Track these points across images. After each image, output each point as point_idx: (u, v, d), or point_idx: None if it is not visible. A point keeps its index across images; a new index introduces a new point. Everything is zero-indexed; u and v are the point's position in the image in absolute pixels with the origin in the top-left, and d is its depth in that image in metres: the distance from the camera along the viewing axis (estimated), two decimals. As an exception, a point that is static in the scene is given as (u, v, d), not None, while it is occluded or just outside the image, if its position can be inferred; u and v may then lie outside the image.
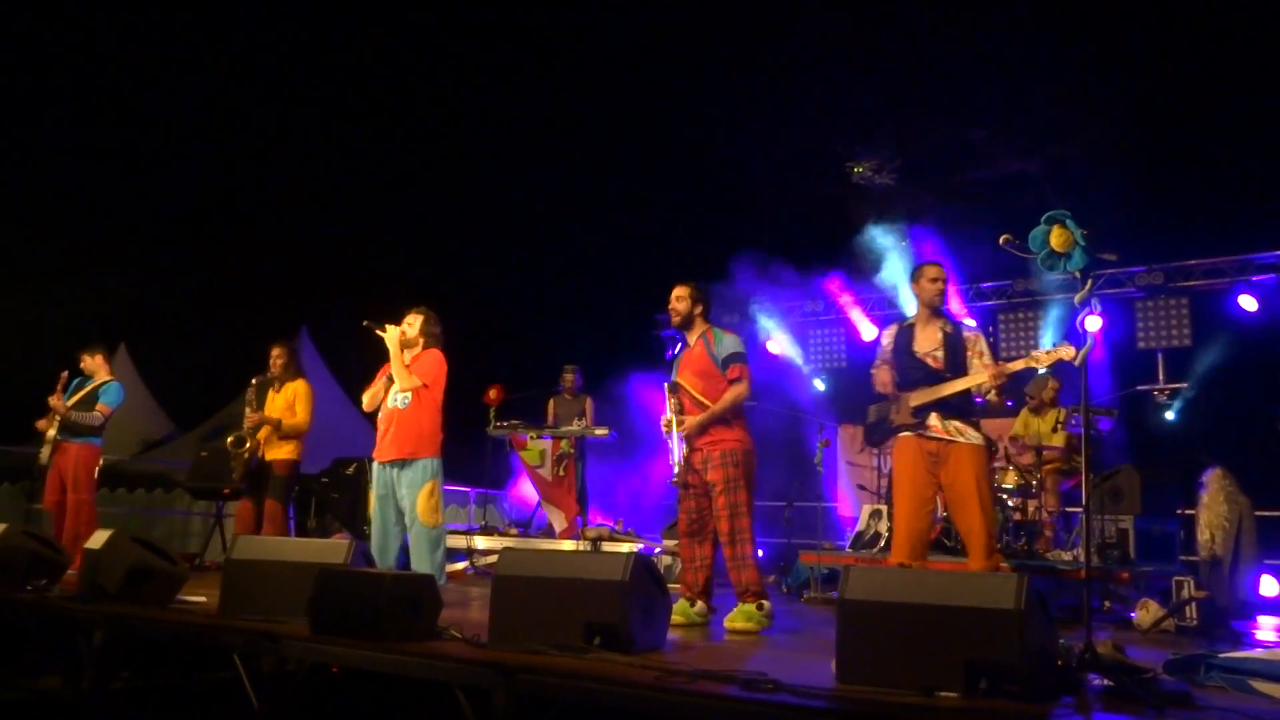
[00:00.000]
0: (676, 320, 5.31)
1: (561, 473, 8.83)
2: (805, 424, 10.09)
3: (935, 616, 3.14)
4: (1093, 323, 9.13)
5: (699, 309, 5.31)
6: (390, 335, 5.85)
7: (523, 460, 9.01)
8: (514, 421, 9.00)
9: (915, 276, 5.15)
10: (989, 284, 10.73)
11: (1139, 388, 9.81)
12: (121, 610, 4.48)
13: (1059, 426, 7.77)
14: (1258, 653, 3.81)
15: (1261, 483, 7.63)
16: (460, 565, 8.38)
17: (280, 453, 7.06)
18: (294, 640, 3.92)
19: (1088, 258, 3.95)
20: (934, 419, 4.94)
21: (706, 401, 5.13)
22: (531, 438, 8.95)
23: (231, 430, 7.26)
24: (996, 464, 7.58)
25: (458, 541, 8.67)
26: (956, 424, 4.91)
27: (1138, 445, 9.06)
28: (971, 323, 5.31)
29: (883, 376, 5.19)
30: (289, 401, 7.09)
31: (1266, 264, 9.37)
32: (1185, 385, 9.59)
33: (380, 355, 6.03)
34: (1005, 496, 7.35)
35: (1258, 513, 6.86)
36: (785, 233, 10.94)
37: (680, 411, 5.14)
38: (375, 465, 5.85)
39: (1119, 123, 8.91)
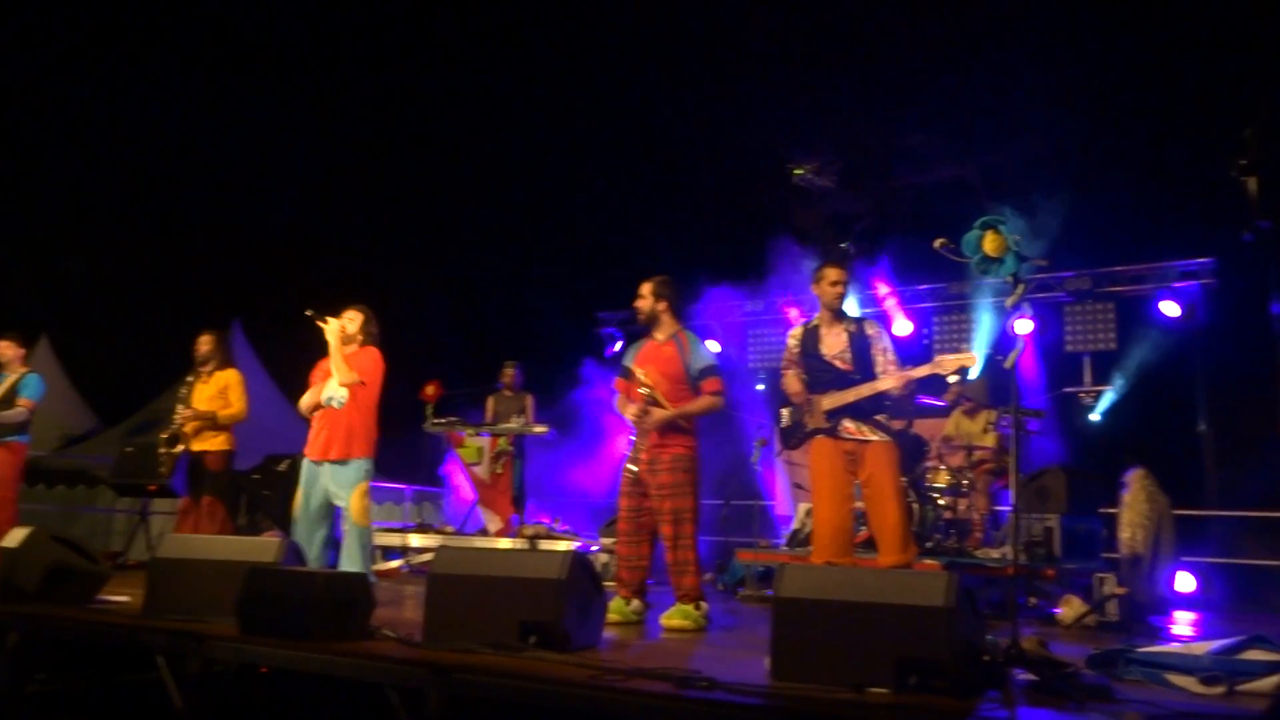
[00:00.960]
0: (641, 318, 5.27)
1: (499, 470, 8.74)
2: (744, 423, 10.14)
3: (867, 614, 3.20)
4: (1023, 326, 9.40)
5: (663, 305, 5.26)
6: (332, 328, 5.75)
7: (460, 458, 8.92)
8: (452, 418, 8.89)
9: (816, 279, 5.15)
10: (925, 286, 10.81)
11: (1066, 390, 9.96)
12: (38, 610, 4.37)
13: (989, 428, 7.91)
14: (1173, 647, 3.92)
15: (1180, 483, 7.78)
16: (395, 564, 8.28)
17: (212, 444, 6.86)
18: (221, 641, 3.86)
19: (1019, 263, 4.00)
20: (847, 421, 4.99)
21: (667, 405, 5.10)
22: (469, 435, 8.88)
23: (162, 426, 7.07)
24: (928, 464, 7.71)
25: (392, 540, 8.58)
26: (868, 424, 4.97)
27: (1065, 446, 9.19)
28: (857, 313, 5.36)
29: (792, 384, 5.21)
30: (219, 390, 6.90)
31: (1188, 271, 9.53)
32: (1110, 388, 9.74)
33: (316, 351, 5.92)
34: (937, 496, 7.47)
35: (1176, 512, 7.03)
36: (727, 231, 11.03)
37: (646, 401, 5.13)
38: (305, 461, 5.75)
39: (1051, 131, 9.09)
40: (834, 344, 5.09)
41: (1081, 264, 9.88)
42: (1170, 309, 9.37)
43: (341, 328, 5.79)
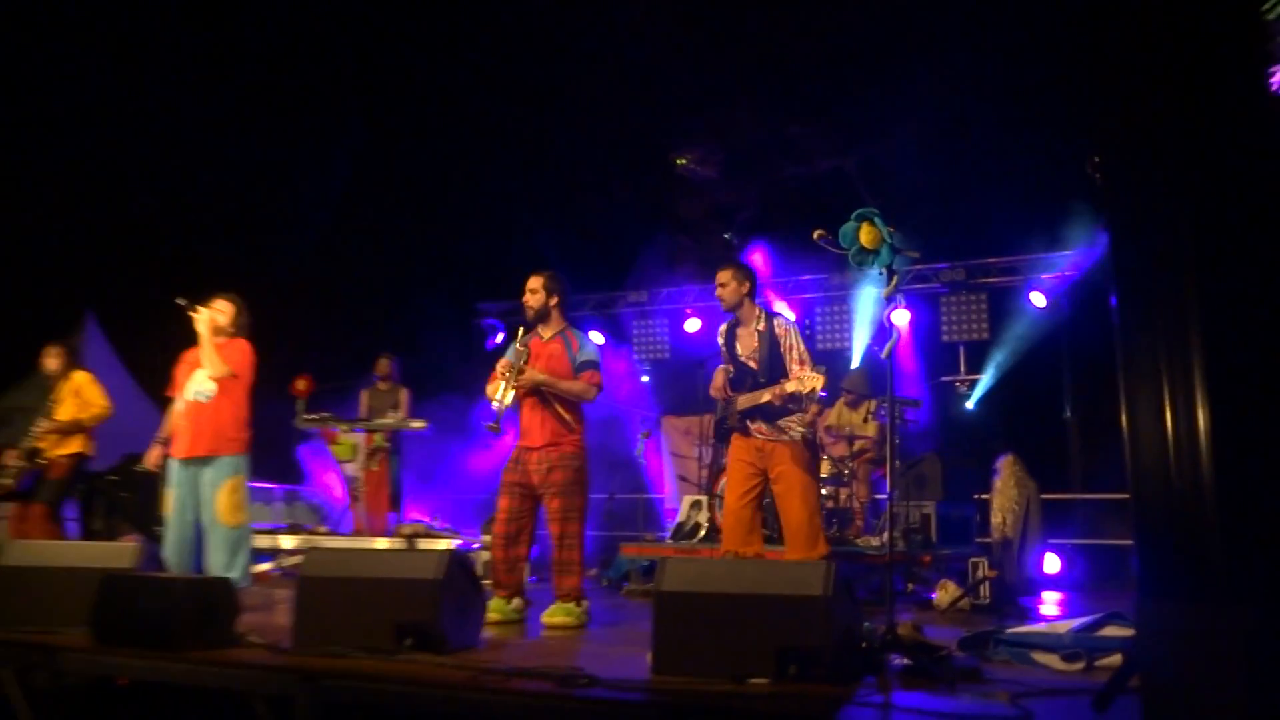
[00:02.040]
0: (530, 313, 5.24)
1: (375, 468, 8.60)
2: (628, 415, 10.12)
3: (748, 605, 3.26)
4: (900, 316, 9.69)
5: (555, 301, 5.27)
6: (203, 318, 5.57)
7: (333, 455, 8.76)
8: (324, 414, 8.71)
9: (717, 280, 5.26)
10: (808, 277, 10.89)
11: (943, 379, 10.12)
12: None
13: (870, 417, 8.05)
14: (1040, 627, 4.12)
15: (1048, 468, 7.98)
16: (266, 566, 8.04)
17: (64, 449, 6.65)
18: (74, 652, 3.70)
19: (894, 254, 4.08)
20: (759, 422, 5.10)
21: (555, 403, 5.10)
22: (343, 431, 8.70)
23: (14, 432, 6.72)
24: None
25: (263, 541, 8.31)
26: (780, 424, 5.07)
27: (941, 434, 9.39)
28: (790, 315, 5.45)
29: (715, 379, 5.31)
30: (72, 394, 6.67)
31: (1055, 263, 9.72)
32: (983, 376, 9.87)
33: (178, 343, 5.73)
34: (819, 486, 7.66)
35: (1043, 496, 7.22)
36: (609, 222, 10.89)
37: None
38: (173, 462, 5.56)
39: (926, 125, 9.28)
40: (747, 343, 5.20)
41: (955, 256, 10.10)
42: (1038, 300, 9.65)
43: (212, 318, 5.61)
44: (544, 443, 5.10)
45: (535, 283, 5.28)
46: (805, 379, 4.81)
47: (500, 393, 5.06)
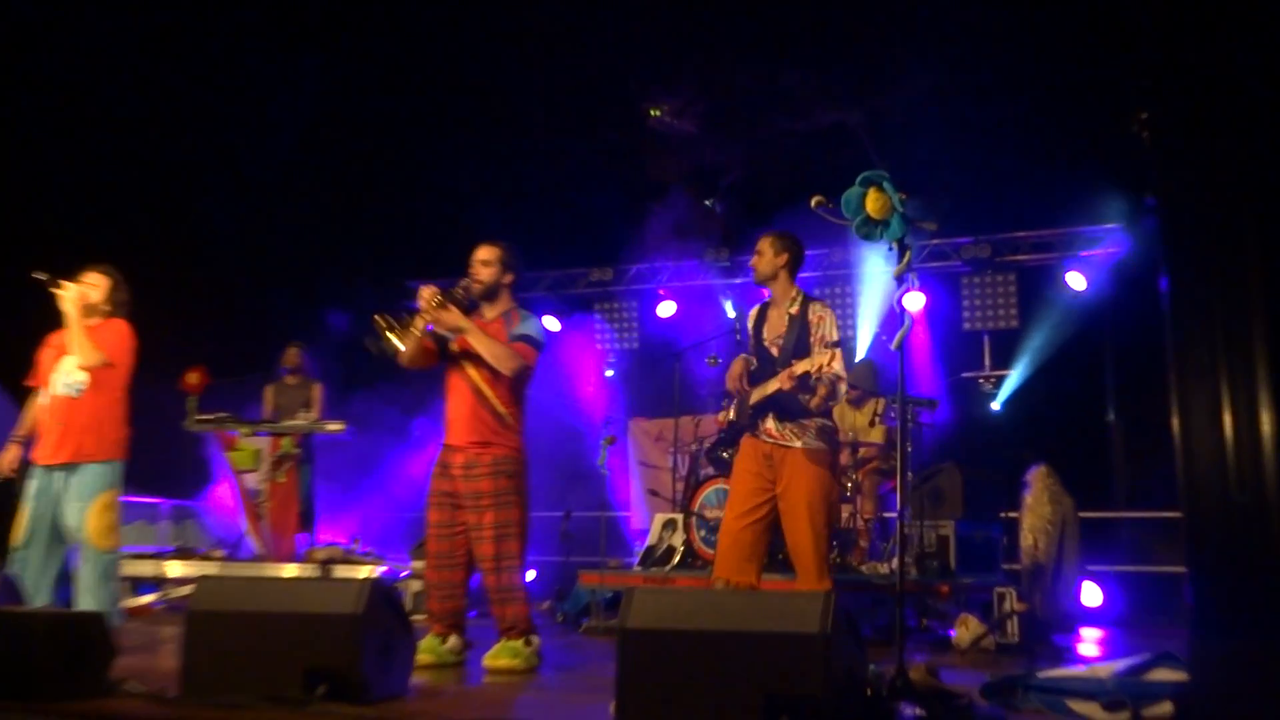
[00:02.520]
0: (478, 289, 5.26)
1: (282, 479, 8.60)
2: (588, 418, 10.14)
3: (730, 644, 3.25)
4: (913, 300, 9.80)
5: (509, 279, 5.30)
6: (70, 295, 5.47)
7: (231, 464, 8.71)
8: (221, 414, 8.69)
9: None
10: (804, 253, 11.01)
11: (965, 375, 10.10)
12: None
13: (876, 420, 8.00)
14: (1076, 670, 4.16)
15: (1087, 481, 8.11)
16: (148, 599, 8.05)
17: None
18: (-94, 706, 3.68)
19: (907, 226, 4.08)
20: (770, 421, 5.08)
21: (488, 391, 5.13)
22: (243, 435, 8.70)
23: None
24: None
25: (145, 568, 8.31)
26: (791, 427, 5.04)
27: (962, 440, 9.34)
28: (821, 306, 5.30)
29: (734, 369, 5.30)
30: None
31: (1097, 238, 9.76)
32: (1012, 372, 9.95)
33: (38, 326, 5.65)
34: None
35: (1081, 514, 7.27)
36: (567, 186, 10.87)
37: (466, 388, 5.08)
38: (35, 469, 5.49)
39: (947, 74, 9.26)
40: (774, 326, 5.20)
41: (980, 229, 10.05)
42: (1076, 282, 9.71)
43: (82, 295, 5.53)
44: (471, 441, 5.11)
45: (489, 253, 5.28)
46: (817, 355, 4.82)
47: (402, 325, 5.05)
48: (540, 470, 5.40)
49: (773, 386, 5.01)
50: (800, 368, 4.84)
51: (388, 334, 5.07)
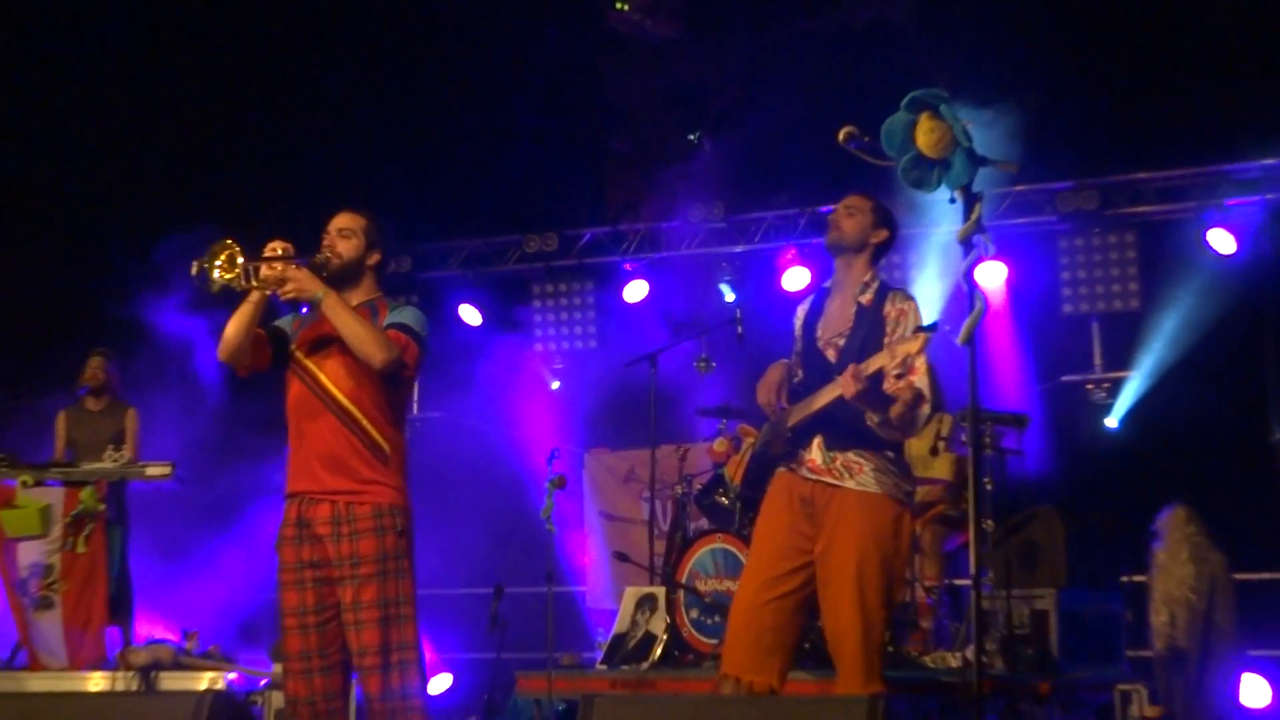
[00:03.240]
0: (336, 264, 5.21)
1: (81, 548, 8.50)
2: (525, 451, 10.17)
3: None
4: (988, 273, 9.75)
5: (375, 259, 5.31)
6: None
7: (2, 529, 8.58)
8: (-6, 455, 8.72)
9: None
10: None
11: (1065, 378, 10.16)
12: None
13: (940, 446, 7.88)
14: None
15: (1245, 530, 8.23)
16: None
17: None
18: None
19: (975, 166, 4.10)
20: (815, 448, 5.11)
21: (355, 410, 5.06)
22: (24, 483, 8.58)
23: None
24: None
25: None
26: (848, 458, 5.05)
27: (1064, 474, 9.37)
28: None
29: (770, 376, 5.33)
30: None
31: (1251, 180, 9.63)
32: (1133, 373, 9.89)
33: None
34: None
35: (1238, 576, 7.38)
36: (492, 119, 10.98)
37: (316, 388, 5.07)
38: None
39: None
40: (835, 320, 5.28)
41: (1083, 170, 10.00)
42: (1222, 242, 9.56)
43: None
44: (339, 484, 5.02)
45: (350, 222, 5.28)
46: (900, 346, 4.78)
47: (246, 273, 4.98)
48: (455, 528, 5.30)
49: (825, 397, 5.01)
50: (874, 364, 4.83)
51: (223, 270, 4.94)
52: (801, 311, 5.45)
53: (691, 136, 10.89)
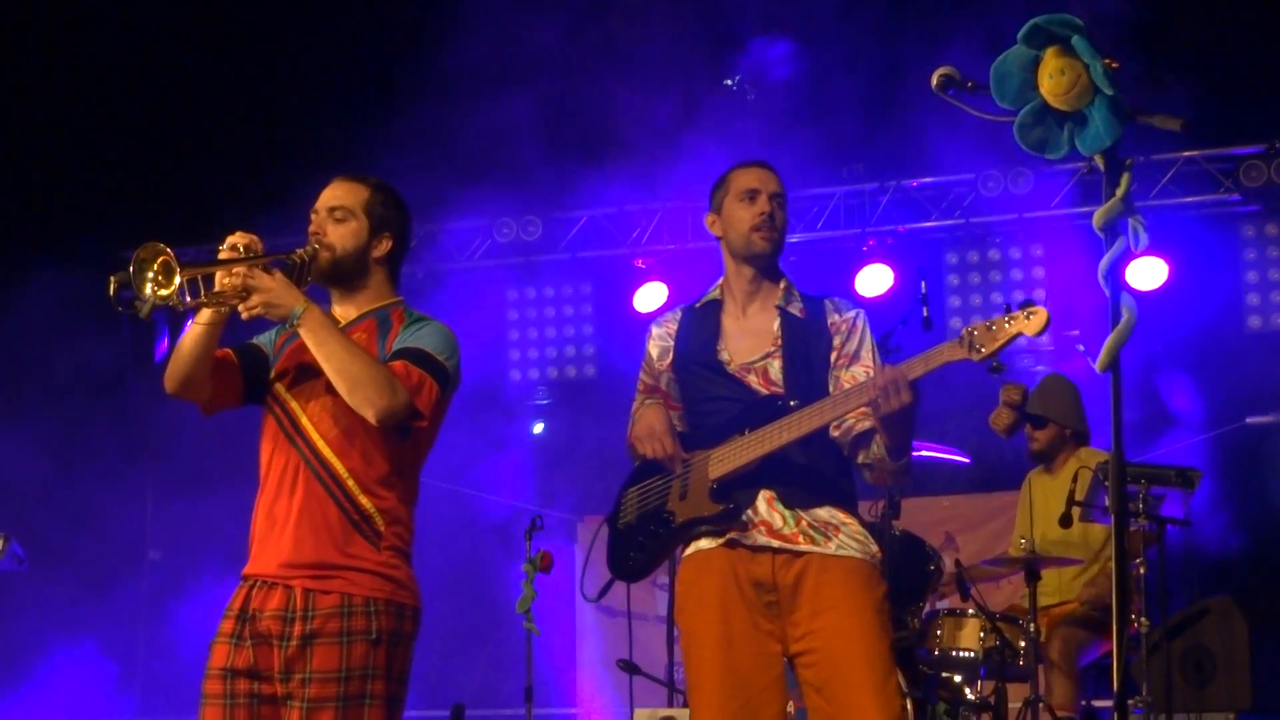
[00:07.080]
0: (326, 260, 5.11)
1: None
2: (492, 516, 10.62)
3: None
4: (1141, 272, 9.71)
5: (383, 247, 5.16)
6: None
7: None
8: None
9: (720, 187, 5.60)
10: (917, 182, 11.04)
11: (1251, 419, 10.15)
12: None
13: (1075, 514, 7.92)
14: None
15: None
16: None
17: None
18: None
19: (1120, 122, 3.84)
20: (763, 505, 5.18)
21: (340, 466, 5.03)
22: None
23: None
24: (941, 604, 8.09)
25: None
26: (817, 515, 5.18)
27: (1251, 552, 9.50)
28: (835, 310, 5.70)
29: (647, 419, 5.39)
30: None
31: None
32: None
33: None
34: (956, 677, 7.81)
35: None
36: (462, 72, 11.19)
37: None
38: None
39: None
40: (751, 339, 5.44)
41: (1272, 132, 10.07)
42: None
43: None
44: (302, 563, 4.87)
45: (347, 195, 5.10)
46: (981, 330, 4.93)
47: (170, 280, 4.70)
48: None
49: (783, 435, 5.15)
50: (848, 406, 5.16)
51: (155, 284, 4.76)
52: (669, 332, 5.69)
53: (728, 82, 11.27)
